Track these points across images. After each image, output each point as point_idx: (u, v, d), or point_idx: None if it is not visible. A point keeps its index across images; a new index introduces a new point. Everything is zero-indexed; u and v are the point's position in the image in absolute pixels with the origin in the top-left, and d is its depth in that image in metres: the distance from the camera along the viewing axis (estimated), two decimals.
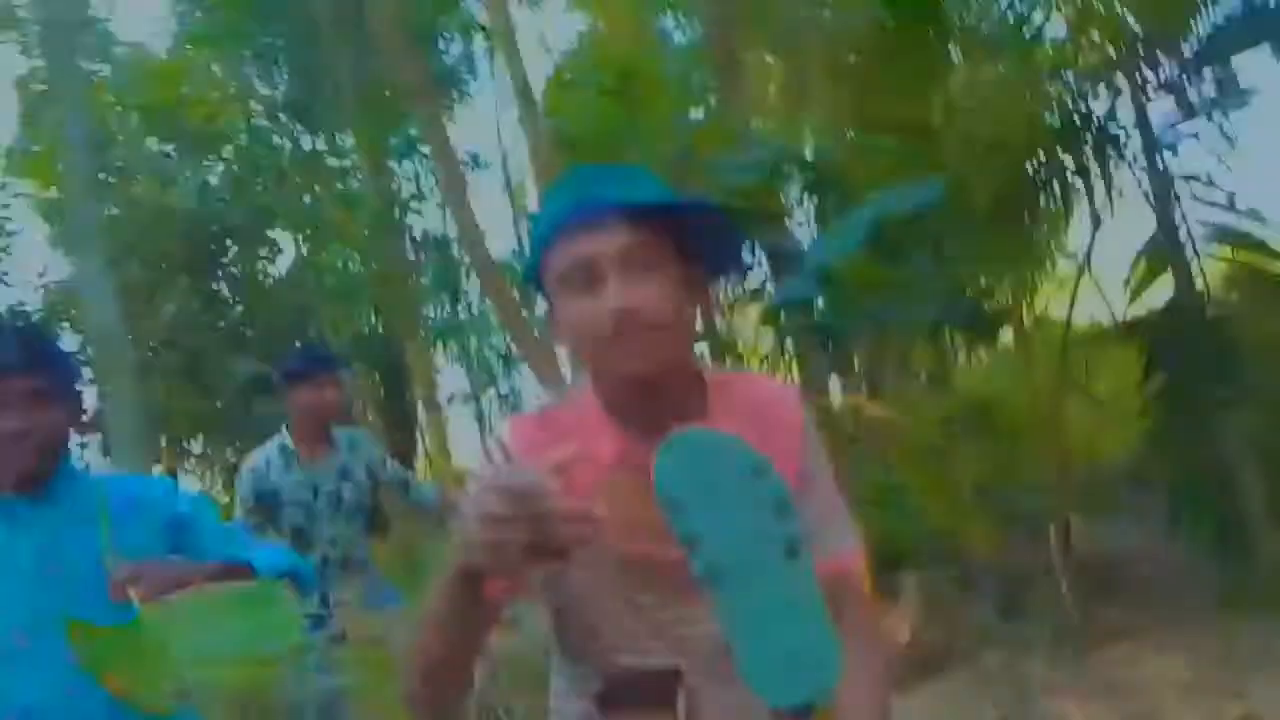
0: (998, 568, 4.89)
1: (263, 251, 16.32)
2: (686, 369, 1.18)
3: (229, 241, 15.88)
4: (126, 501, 1.78)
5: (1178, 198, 4.23)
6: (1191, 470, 4.40)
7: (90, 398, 1.76)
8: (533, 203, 14.26)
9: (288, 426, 3.44)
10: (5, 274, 12.61)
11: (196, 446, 14.27)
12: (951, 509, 4.43)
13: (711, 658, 1.15)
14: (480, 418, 16.75)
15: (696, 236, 1.13)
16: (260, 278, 16.48)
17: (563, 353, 1.26)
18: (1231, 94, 3.90)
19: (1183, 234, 4.21)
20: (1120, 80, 3.84)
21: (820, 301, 4.83)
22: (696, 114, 6.47)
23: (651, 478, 0.99)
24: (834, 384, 5.68)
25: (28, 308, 12.84)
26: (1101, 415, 5.21)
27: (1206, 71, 3.89)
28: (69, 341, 13.41)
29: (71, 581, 1.66)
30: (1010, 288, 4.43)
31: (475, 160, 14.43)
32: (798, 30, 7.24)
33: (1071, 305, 4.42)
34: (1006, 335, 5.30)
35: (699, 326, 1.20)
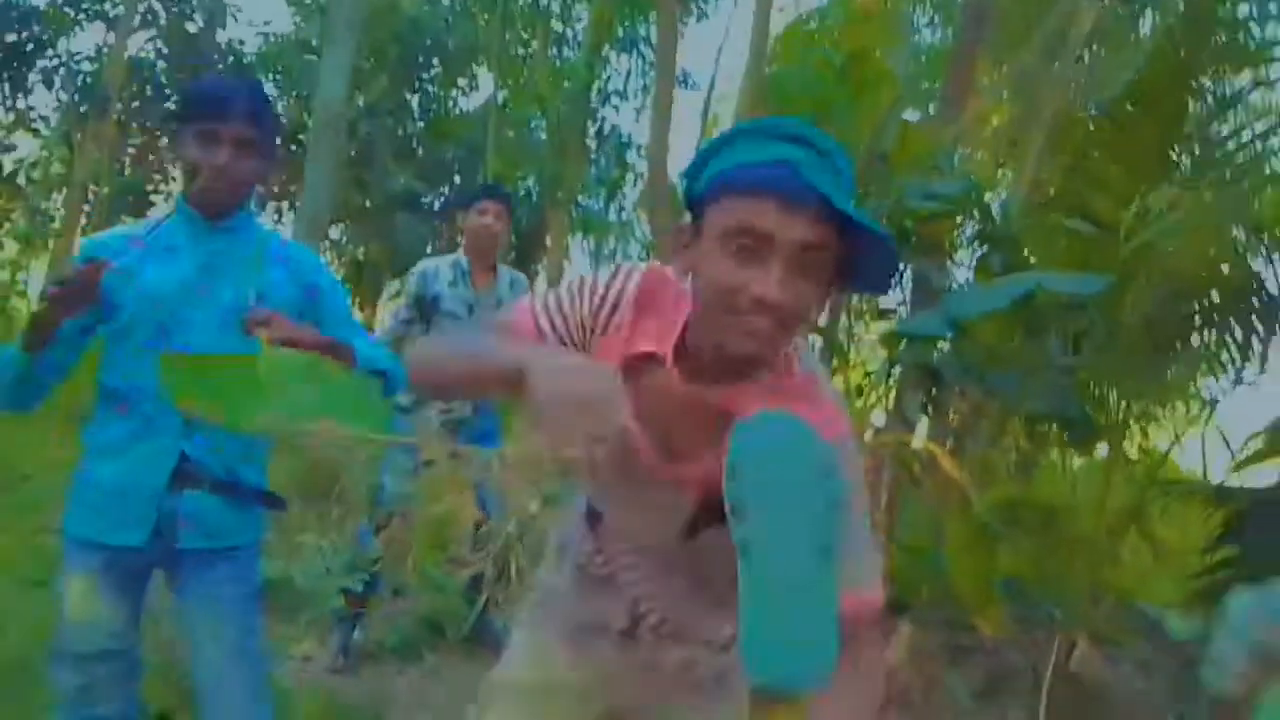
0: (993, 653, 4.99)
1: (462, 82, 16.88)
2: (775, 353, 1.21)
3: (436, 60, 16.45)
4: (281, 256, 2.13)
5: None
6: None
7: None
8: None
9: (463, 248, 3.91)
10: (238, 9, 13.44)
11: (335, 232, 15.05)
12: (976, 583, 4.51)
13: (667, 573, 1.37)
14: None
15: (861, 256, 1.13)
16: (450, 104, 17.06)
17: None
18: None
19: None
20: None
21: (944, 345, 4.93)
22: (911, 117, 6.44)
23: (699, 416, 1.13)
24: (923, 427, 5.74)
25: (245, 47, 13.69)
26: (1156, 560, 5.18)
27: None
28: (269, 91, 14.28)
29: (219, 298, 2.01)
30: (1125, 408, 4.42)
31: (685, 79, 14.52)
32: (1038, 79, 7.12)
33: (1171, 444, 4.41)
34: (1101, 451, 5.30)
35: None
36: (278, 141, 2.17)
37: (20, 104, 11.14)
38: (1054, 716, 4.33)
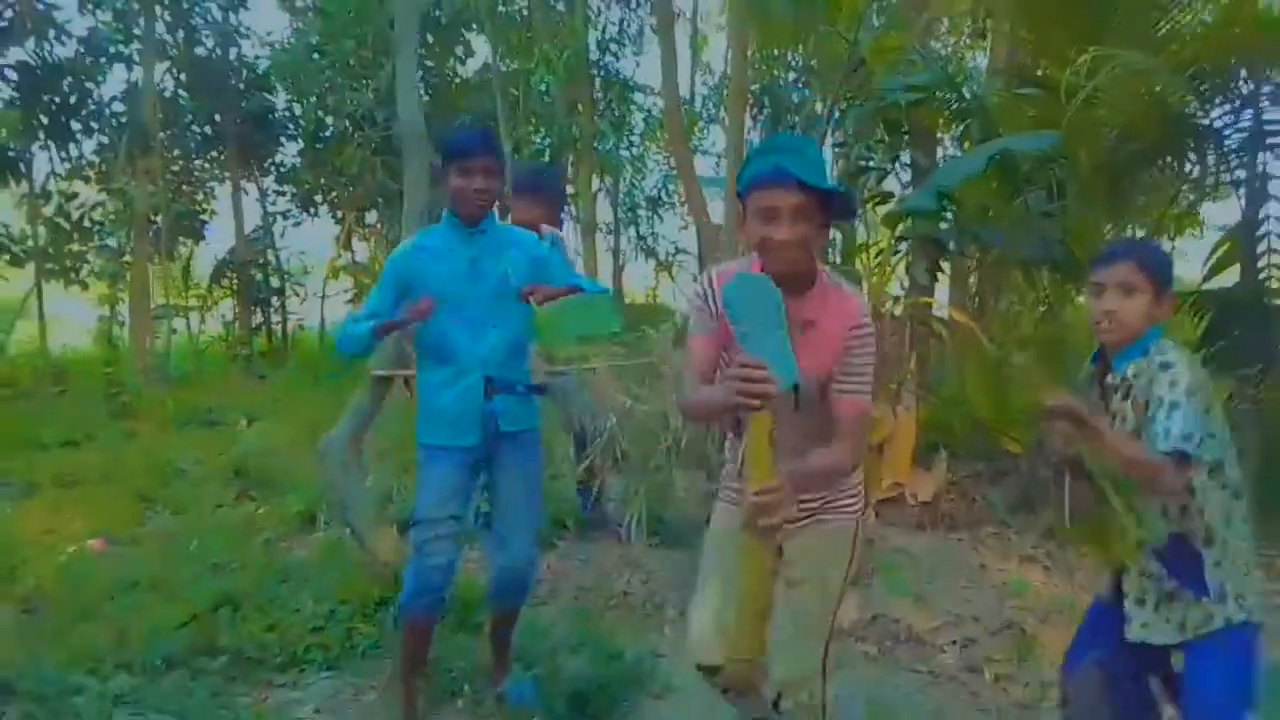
0: (1026, 473, 5.80)
1: (458, 50, 17.35)
2: (808, 270, 2.12)
3: (428, 35, 16.93)
4: (514, 242, 3.12)
5: (1268, 196, 4.88)
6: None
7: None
8: (715, 58, 14.94)
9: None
10: (245, 28, 14.14)
11: (370, 217, 15.81)
12: (998, 414, 5.31)
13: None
14: (615, 252, 17.68)
15: (833, 201, 2.09)
16: (449, 75, 17.56)
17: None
18: None
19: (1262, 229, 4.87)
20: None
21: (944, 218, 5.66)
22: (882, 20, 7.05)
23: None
24: (944, 293, 6.46)
25: (257, 62, 14.38)
26: None
27: None
28: (279, 99, 15.03)
29: (488, 279, 2.99)
30: (1100, 243, 5.13)
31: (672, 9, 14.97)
32: None
33: None
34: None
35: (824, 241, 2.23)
36: (504, 167, 3.14)
37: (70, 154, 12.04)
38: (1076, 511, 5.12)
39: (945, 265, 5.78)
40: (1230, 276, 5.25)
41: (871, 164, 5.70)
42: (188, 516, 5.59)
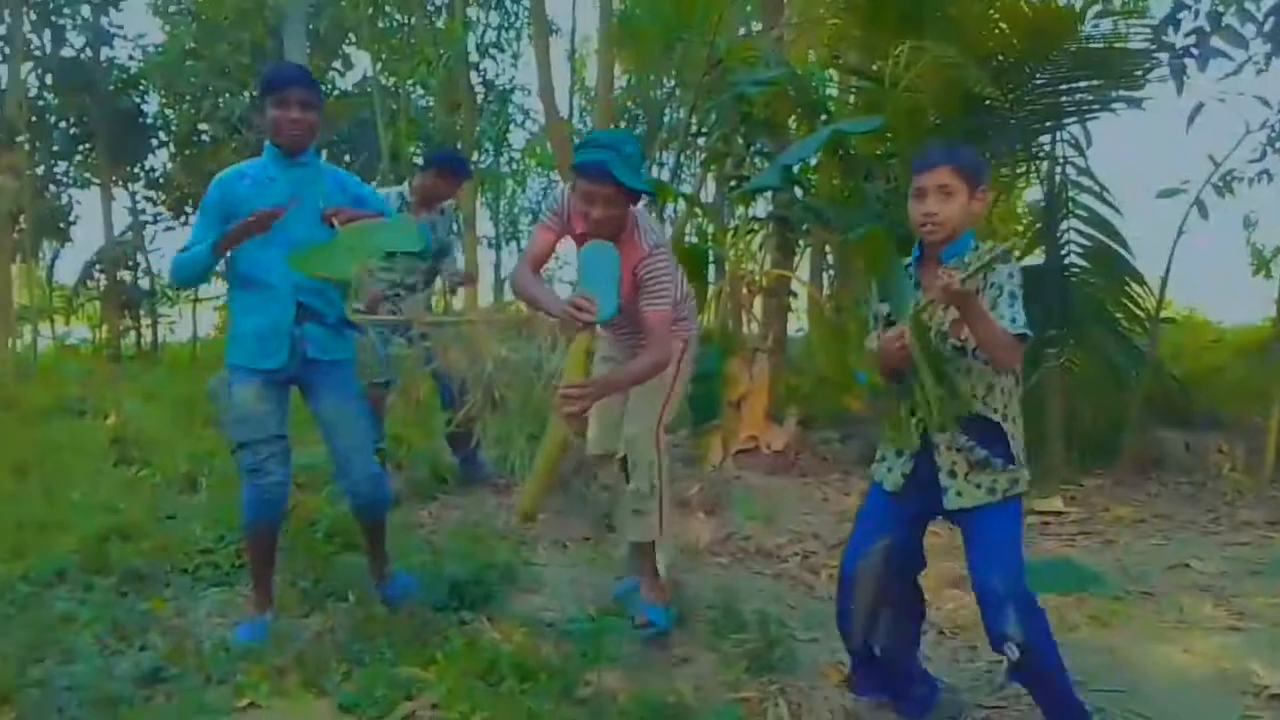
0: (869, 432, 6.43)
1: (335, 63, 17.45)
2: (620, 231, 2.86)
3: (308, 45, 16.98)
4: (334, 178, 3.33)
5: (1065, 181, 5.65)
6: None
7: None
8: (589, 73, 15.55)
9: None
10: (120, 27, 13.89)
11: None
12: (840, 371, 5.92)
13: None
14: (497, 266, 17.99)
15: (631, 182, 2.75)
16: (328, 88, 17.62)
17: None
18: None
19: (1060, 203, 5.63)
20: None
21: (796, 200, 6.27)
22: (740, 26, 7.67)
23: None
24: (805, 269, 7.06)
25: (128, 62, 14.16)
26: None
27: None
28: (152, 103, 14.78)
29: (306, 210, 3.13)
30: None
31: (552, 27, 15.51)
32: None
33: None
34: None
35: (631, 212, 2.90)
36: (322, 102, 3.29)
37: None
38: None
39: (800, 244, 6.36)
40: (1039, 256, 5.98)
41: (729, 152, 6.27)
42: (69, 477, 5.64)
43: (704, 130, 6.31)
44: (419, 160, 14.38)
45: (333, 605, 3.46)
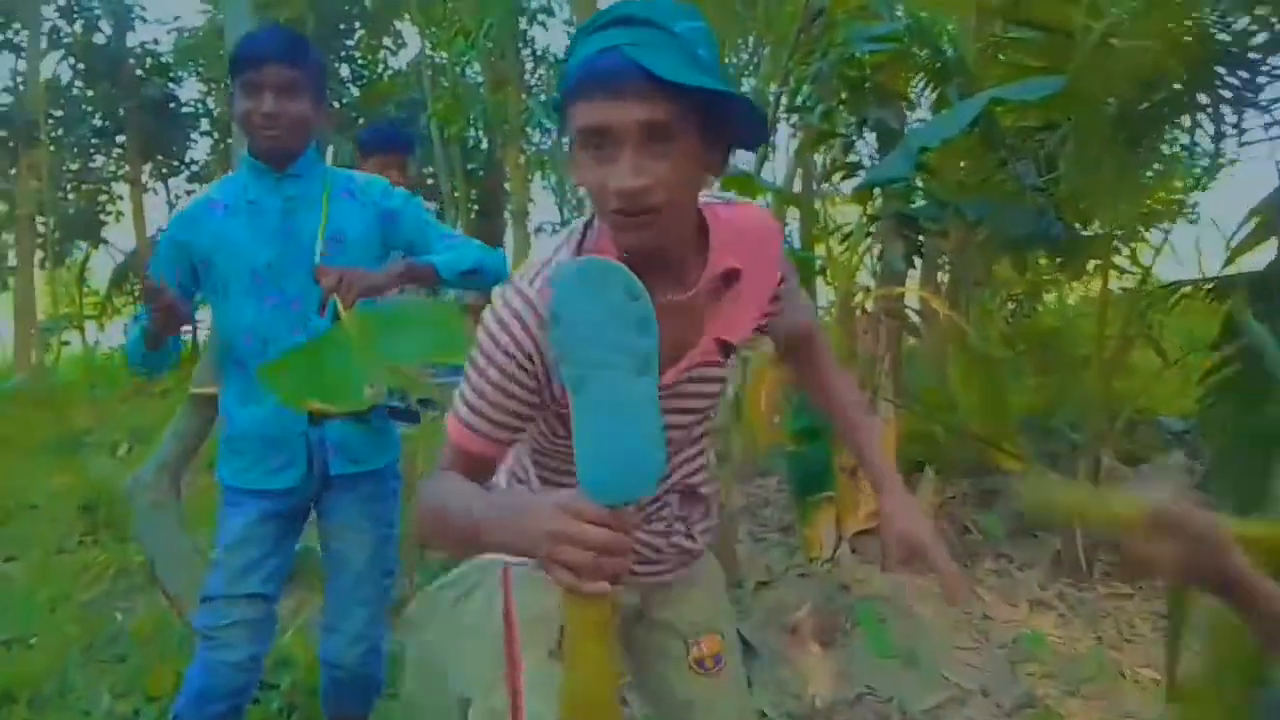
0: (1019, 490, 4.98)
1: (387, 41, 16.44)
2: (686, 230, 1.24)
3: (357, 25, 16.00)
4: (348, 190, 2.17)
5: None
6: (1240, 439, 4.35)
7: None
8: None
9: None
10: (143, 8, 12.98)
11: None
12: (992, 423, 4.47)
13: None
14: None
15: (725, 117, 1.14)
16: (380, 67, 16.65)
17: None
18: None
19: None
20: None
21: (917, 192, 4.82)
22: None
23: (668, 325, 1.09)
24: (914, 277, 5.62)
25: (160, 46, 13.25)
26: (1166, 369, 5.09)
27: None
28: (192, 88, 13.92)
29: (301, 241, 2.07)
30: (1110, 221, 4.30)
31: None
32: None
33: (1158, 251, 4.31)
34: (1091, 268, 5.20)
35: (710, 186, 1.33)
36: (323, 79, 2.16)
37: None
38: (1089, 540, 4.31)
39: (923, 249, 4.90)
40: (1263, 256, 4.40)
41: (838, 130, 4.80)
42: (21, 562, 4.63)
43: (800, 104, 4.85)
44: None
45: None
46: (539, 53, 13.66)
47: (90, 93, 12.98)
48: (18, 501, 5.87)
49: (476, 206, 14.93)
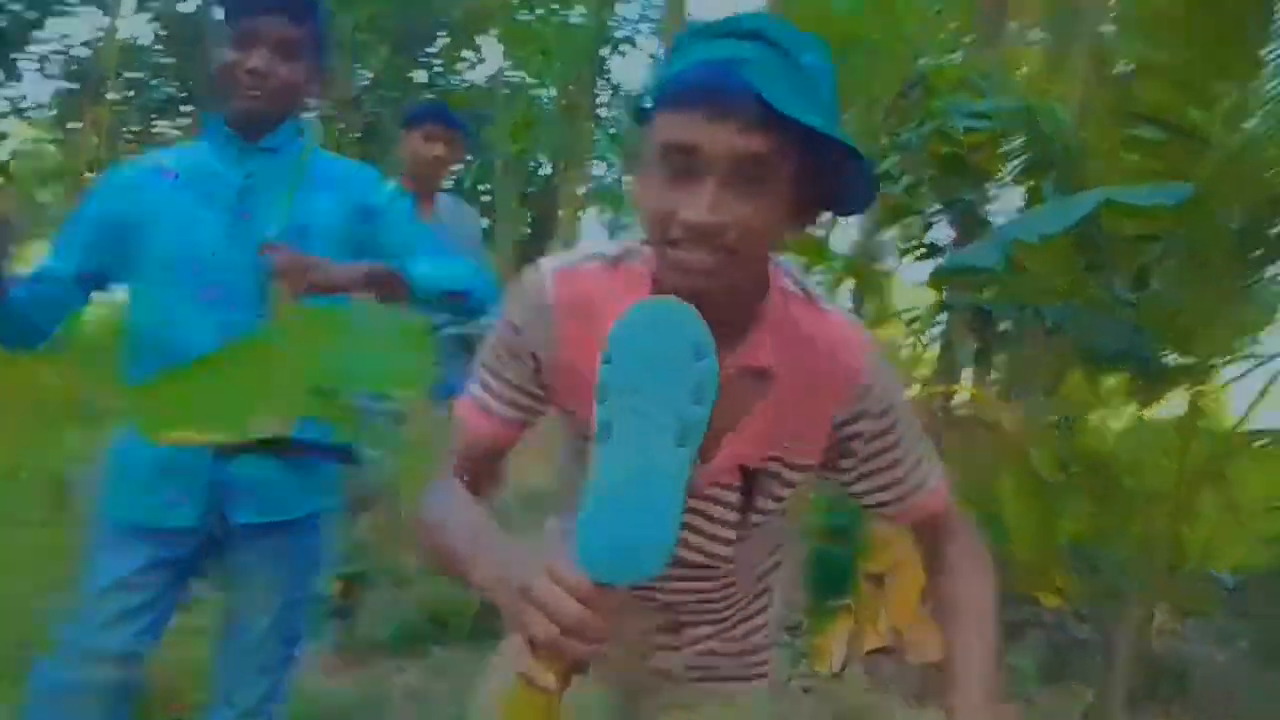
0: (1055, 626, 4.51)
1: (468, 53, 16.43)
2: (741, 293, 1.06)
3: (442, 33, 16.02)
4: (326, 176, 1.81)
5: None
6: None
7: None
8: None
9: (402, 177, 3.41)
10: None
11: None
12: (1039, 552, 4.03)
13: None
14: None
15: (830, 170, 1.00)
16: (457, 78, 16.64)
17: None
18: None
19: None
20: None
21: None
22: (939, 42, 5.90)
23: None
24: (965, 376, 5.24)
25: None
26: (1236, 522, 4.66)
27: None
28: None
29: (257, 228, 1.71)
30: (1209, 349, 3.89)
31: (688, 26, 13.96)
32: None
33: (1264, 389, 3.88)
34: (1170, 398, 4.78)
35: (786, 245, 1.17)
36: (325, 43, 1.83)
37: (12, 91, 10.82)
38: (1130, 696, 3.87)
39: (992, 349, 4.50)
40: None
41: (925, 208, 4.44)
42: None
43: (886, 173, 4.50)
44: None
45: None
46: (615, 84, 13.49)
47: (167, 60, 13.02)
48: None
49: (529, 230, 14.76)
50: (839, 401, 1.12)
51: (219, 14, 1.74)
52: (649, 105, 1.02)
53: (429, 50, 15.85)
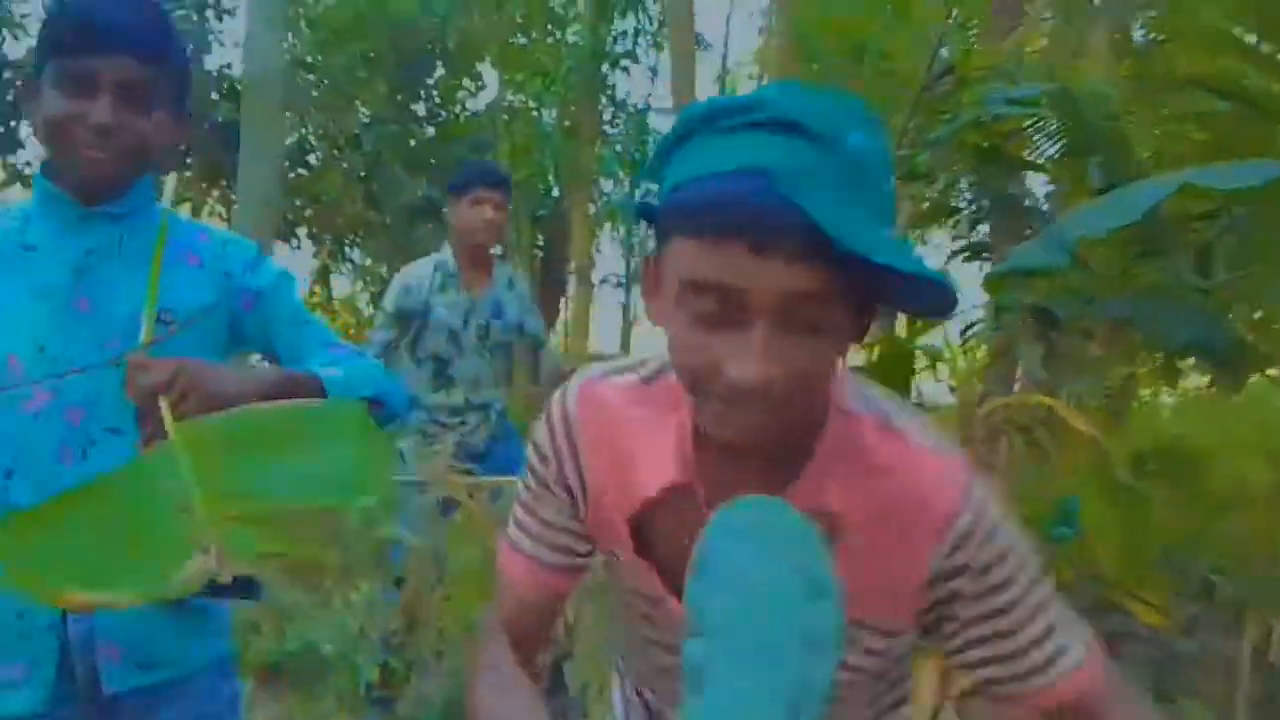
0: (1153, 640, 4.20)
1: (466, 81, 16.29)
2: (795, 429, 0.89)
3: (438, 63, 15.88)
4: (193, 250, 1.45)
5: None
6: None
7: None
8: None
9: (449, 246, 3.29)
10: (221, 32, 12.98)
11: (356, 255, 14.53)
12: (1131, 566, 3.73)
13: None
14: (625, 307, 16.57)
15: (896, 280, 0.76)
16: (457, 108, 16.48)
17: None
18: None
19: None
20: None
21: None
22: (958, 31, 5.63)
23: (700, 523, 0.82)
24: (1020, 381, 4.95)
25: (233, 70, 13.17)
26: None
27: None
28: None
29: (101, 317, 1.35)
30: None
31: (698, 40, 13.75)
32: None
33: None
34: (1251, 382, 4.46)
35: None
36: (184, 85, 1.44)
37: (13, 159, 10.74)
38: (1254, 713, 3.56)
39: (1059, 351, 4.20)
40: None
41: (963, 205, 4.15)
42: None
43: (917, 172, 4.20)
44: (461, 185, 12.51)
45: None
46: (619, 101, 13.25)
47: None
48: None
49: (541, 253, 14.59)
50: (929, 551, 0.90)
51: (44, 51, 1.36)
52: (658, 210, 0.84)
53: (427, 82, 15.73)
